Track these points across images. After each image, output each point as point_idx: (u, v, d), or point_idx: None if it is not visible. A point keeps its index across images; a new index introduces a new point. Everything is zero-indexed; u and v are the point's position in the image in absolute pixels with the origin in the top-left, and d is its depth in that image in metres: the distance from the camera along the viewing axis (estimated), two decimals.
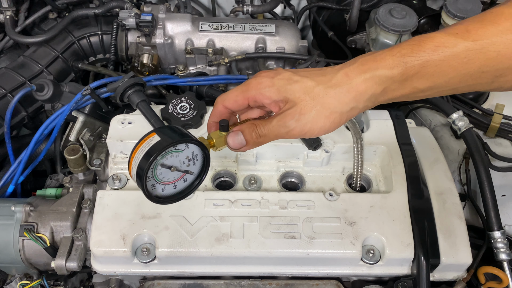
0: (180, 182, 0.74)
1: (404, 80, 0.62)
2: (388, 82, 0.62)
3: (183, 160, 0.72)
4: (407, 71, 0.61)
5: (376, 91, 0.63)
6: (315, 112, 0.65)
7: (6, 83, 1.29)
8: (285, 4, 1.76)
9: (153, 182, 0.71)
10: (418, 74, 0.61)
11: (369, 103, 0.65)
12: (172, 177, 0.73)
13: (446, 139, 1.26)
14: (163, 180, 0.72)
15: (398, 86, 0.63)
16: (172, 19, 1.44)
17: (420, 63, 0.60)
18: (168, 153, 0.70)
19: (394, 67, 0.61)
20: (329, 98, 0.64)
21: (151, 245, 0.93)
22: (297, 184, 1.07)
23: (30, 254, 1.01)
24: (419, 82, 0.62)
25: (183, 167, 0.73)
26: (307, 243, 0.92)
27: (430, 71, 0.60)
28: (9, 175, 1.11)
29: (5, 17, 1.42)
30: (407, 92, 0.63)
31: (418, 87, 0.62)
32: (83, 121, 1.13)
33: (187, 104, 1.10)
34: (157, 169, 0.70)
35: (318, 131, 0.66)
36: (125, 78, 1.06)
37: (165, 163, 0.70)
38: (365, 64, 0.64)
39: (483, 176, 1.01)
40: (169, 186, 0.73)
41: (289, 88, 0.66)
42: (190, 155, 0.72)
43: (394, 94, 0.64)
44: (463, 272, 0.97)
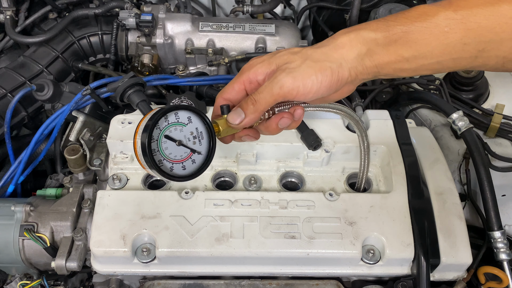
0: (189, 163, 0.72)
1: (388, 44, 0.63)
2: (372, 43, 0.64)
3: (188, 136, 0.71)
4: (390, 35, 0.62)
5: (361, 50, 0.65)
6: (305, 66, 0.66)
7: (6, 83, 1.29)
8: (285, 4, 1.76)
9: (160, 158, 0.70)
10: (402, 40, 0.62)
11: (357, 65, 0.66)
12: (179, 155, 0.71)
13: (446, 139, 1.26)
14: (169, 156, 0.71)
15: (383, 50, 0.64)
16: (172, 19, 1.44)
17: (402, 30, 0.62)
18: (171, 124, 0.69)
19: (377, 29, 0.63)
20: (318, 55, 0.66)
21: (151, 245, 0.93)
22: (297, 184, 1.07)
23: (30, 254, 1.01)
24: (403, 49, 0.62)
25: (189, 144, 0.72)
26: (307, 243, 0.92)
27: (413, 38, 0.61)
28: (9, 175, 1.11)
29: (5, 17, 1.42)
30: (393, 59, 0.64)
31: (403, 54, 0.63)
32: (83, 121, 1.13)
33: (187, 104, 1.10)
34: (162, 141, 0.69)
35: (311, 85, 0.66)
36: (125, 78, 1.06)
37: (170, 135, 0.69)
38: (352, 27, 0.67)
39: (483, 176, 1.01)
40: (177, 166, 0.71)
41: (278, 55, 0.68)
42: (194, 131, 0.72)
43: (380, 59, 0.65)
44: (463, 272, 0.97)
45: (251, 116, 0.70)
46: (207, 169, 0.75)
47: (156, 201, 0.96)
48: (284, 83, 0.66)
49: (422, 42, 0.61)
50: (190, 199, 0.97)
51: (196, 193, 0.98)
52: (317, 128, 1.06)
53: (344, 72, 0.66)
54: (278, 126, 0.75)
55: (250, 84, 0.72)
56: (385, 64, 0.65)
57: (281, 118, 0.74)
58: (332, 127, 1.08)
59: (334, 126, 1.08)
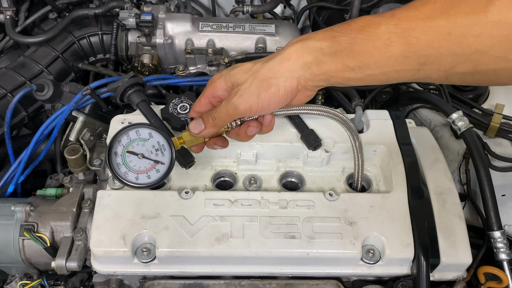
0: (153, 173, 0.82)
1: (334, 53, 0.65)
2: (318, 53, 0.66)
3: (150, 150, 0.81)
4: (335, 45, 0.64)
5: (307, 59, 0.68)
6: (254, 86, 0.71)
7: (6, 83, 1.29)
8: (285, 4, 1.76)
9: (125, 170, 0.81)
10: (346, 51, 0.64)
11: (304, 73, 0.69)
12: (143, 166, 0.81)
13: (446, 139, 1.26)
14: (134, 168, 0.81)
15: (329, 59, 0.66)
16: (172, 19, 1.44)
17: (346, 40, 0.63)
18: (133, 141, 0.81)
19: (323, 39, 0.66)
20: (265, 71, 0.70)
21: (151, 245, 0.93)
22: (297, 184, 1.07)
23: (30, 254, 1.01)
24: (348, 59, 0.64)
25: (151, 156, 0.81)
26: (307, 243, 0.92)
27: (357, 49, 0.63)
28: (9, 175, 1.11)
29: (5, 17, 1.42)
30: (339, 67, 0.66)
31: (348, 64, 0.65)
32: (83, 121, 1.13)
33: (187, 104, 1.10)
34: (125, 156, 0.80)
35: (262, 104, 0.72)
36: (125, 78, 1.06)
37: (132, 150, 0.81)
38: (298, 38, 0.70)
39: (483, 176, 1.01)
40: (142, 176, 0.81)
41: (232, 73, 0.74)
42: (156, 145, 0.82)
43: (326, 67, 0.67)
44: (463, 272, 0.97)
45: (210, 129, 0.79)
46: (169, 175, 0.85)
47: (156, 201, 0.96)
48: (237, 105, 0.73)
49: (365, 53, 0.62)
50: (190, 199, 0.97)
51: (196, 193, 0.98)
52: (317, 128, 1.06)
53: (291, 83, 0.70)
54: (247, 134, 0.82)
55: (213, 98, 0.80)
56: (332, 72, 0.68)
57: (248, 127, 0.82)
58: (332, 127, 1.08)
59: (334, 126, 1.08)
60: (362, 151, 1.01)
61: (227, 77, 0.76)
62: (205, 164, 1.07)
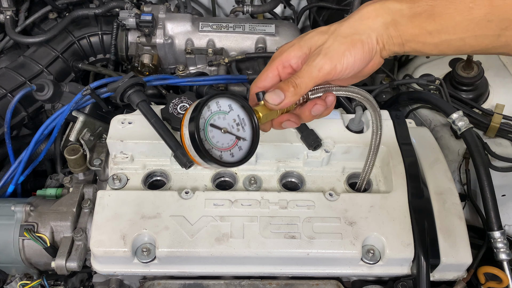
0: (236, 150, 0.74)
1: (413, 16, 0.64)
2: (397, 14, 0.65)
3: (231, 124, 0.73)
4: (415, 6, 0.63)
5: (386, 20, 0.66)
6: (337, 44, 0.67)
7: (6, 83, 1.29)
8: (285, 4, 1.76)
9: (208, 146, 0.71)
10: (426, 13, 0.62)
11: (382, 32, 0.67)
12: (226, 142, 0.73)
13: (446, 139, 1.26)
14: (217, 145, 0.72)
15: (407, 21, 0.65)
16: (172, 19, 1.44)
17: (428, 2, 0.62)
18: (214, 113, 0.71)
19: (403, 1, 0.64)
20: (346, 29, 0.68)
21: (151, 245, 0.93)
22: (297, 184, 1.07)
23: (30, 254, 1.01)
24: (427, 22, 0.63)
25: (233, 131, 0.73)
26: (307, 243, 0.92)
27: (437, 11, 0.61)
28: (9, 175, 1.11)
29: (5, 17, 1.42)
30: (416, 31, 0.65)
31: (426, 27, 0.64)
32: (83, 121, 1.13)
33: (187, 104, 1.10)
34: (208, 131, 0.71)
35: (347, 62, 0.68)
36: (125, 78, 1.06)
37: (214, 124, 0.72)
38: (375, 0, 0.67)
39: (483, 176, 1.01)
40: (226, 153, 0.73)
41: (307, 38, 0.70)
42: (236, 118, 0.73)
43: (404, 30, 0.66)
44: (463, 272, 0.97)
45: (291, 98, 0.70)
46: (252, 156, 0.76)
47: (156, 201, 0.96)
48: (322, 66, 0.67)
49: (446, 16, 0.61)
50: (190, 199, 0.97)
51: (196, 193, 0.98)
52: (317, 128, 1.06)
53: (373, 41, 0.68)
54: (312, 113, 0.75)
55: (284, 68, 0.73)
56: (409, 36, 0.66)
57: (314, 105, 0.75)
58: (332, 127, 1.08)
59: (334, 126, 1.08)
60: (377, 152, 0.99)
61: (301, 43, 0.71)
62: None
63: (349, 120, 1.09)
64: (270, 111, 0.74)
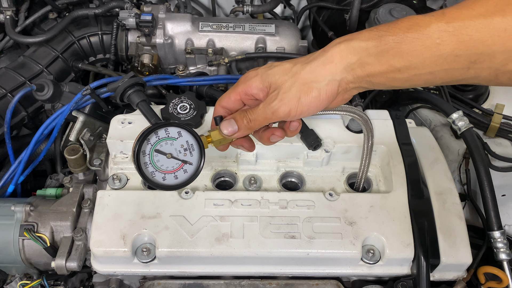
0: (180, 173, 0.78)
1: (380, 54, 0.63)
2: (363, 53, 0.64)
3: (179, 149, 0.78)
4: (382, 44, 0.62)
5: (351, 60, 0.65)
6: (294, 89, 0.68)
7: (6, 83, 1.29)
8: (285, 4, 1.76)
9: (152, 169, 0.77)
10: (393, 50, 0.62)
11: (347, 75, 0.66)
12: (170, 166, 0.77)
13: (446, 139, 1.26)
14: (161, 168, 0.77)
15: (374, 60, 0.64)
16: (172, 19, 1.44)
17: (394, 39, 0.61)
18: (161, 140, 0.77)
19: (369, 39, 0.63)
20: (306, 74, 0.67)
21: (151, 245, 0.93)
22: (297, 184, 1.07)
23: (30, 254, 1.01)
24: (394, 59, 0.62)
25: (180, 156, 0.78)
26: (307, 243, 0.92)
27: (405, 49, 0.61)
28: (9, 175, 1.11)
29: (5, 17, 1.42)
30: (384, 69, 0.64)
31: (395, 65, 0.63)
32: (83, 121, 1.13)
33: (187, 104, 1.10)
34: (153, 155, 0.76)
35: (301, 109, 0.69)
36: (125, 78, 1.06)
37: (160, 149, 0.77)
38: (341, 38, 0.67)
39: (483, 176, 1.01)
40: (169, 176, 0.77)
41: (270, 73, 0.70)
42: (184, 144, 0.78)
43: (371, 69, 0.65)
44: (463, 272, 0.97)
45: (244, 131, 0.75)
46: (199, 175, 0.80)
47: (156, 201, 0.96)
48: (277, 109, 0.70)
49: (414, 53, 0.61)
50: (190, 199, 0.97)
51: (196, 193, 0.98)
52: (317, 128, 1.06)
53: (333, 87, 0.68)
54: (270, 140, 0.79)
55: (246, 96, 0.75)
56: (377, 74, 0.65)
57: (272, 134, 0.78)
58: (332, 127, 1.08)
59: (334, 126, 1.08)
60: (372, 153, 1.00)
61: (263, 76, 0.72)
62: (205, 164, 1.07)
63: (349, 120, 1.09)
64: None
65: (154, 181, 0.77)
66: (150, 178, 0.77)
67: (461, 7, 0.58)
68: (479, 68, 0.59)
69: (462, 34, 0.57)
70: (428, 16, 0.60)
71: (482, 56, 0.57)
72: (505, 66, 0.57)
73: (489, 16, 0.55)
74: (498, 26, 0.55)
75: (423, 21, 0.60)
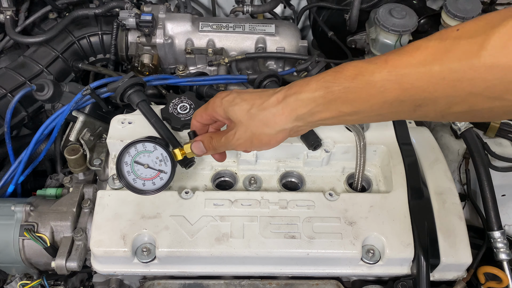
0: (158, 180, 0.92)
1: (328, 103, 0.66)
2: (312, 104, 0.68)
3: (155, 160, 0.91)
4: (329, 95, 0.65)
5: (301, 112, 0.69)
6: (249, 133, 0.76)
7: (6, 83, 1.29)
8: (285, 4, 1.76)
9: (133, 177, 0.92)
10: (340, 99, 0.65)
11: (297, 123, 0.71)
12: (149, 174, 0.92)
13: (446, 139, 1.26)
14: (141, 175, 0.92)
15: (323, 108, 0.67)
16: (172, 19, 1.44)
17: (340, 89, 0.64)
18: (140, 152, 0.91)
19: (316, 90, 0.66)
20: (259, 122, 0.74)
21: (151, 245, 0.93)
22: (297, 184, 1.07)
23: (30, 254, 1.01)
24: (343, 106, 0.66)
25: (156, 166, 0.91)
26: (307, 243, 0.92)
27: (351, 97, 0.64)
28: (9, 175, 1.11)
29: (5, 17, 1.42)
30: (334, 114, 0.68)
31: (343, 110, 0.66)
32: (83, 121, 1.13)
33: (187, 104, 1.10)
34: (134, 165, 0.91)
35: (255, 149, 0.79)
36: (125, 78, 1.06)
37: (139, 161, 0.91)
38: (292, 89, 0.70)
39: (483, 176, 1.02)
40: (148, 182, 0.92)
41: (231, 109, 0.77)
42: (159, 156, 0.91)
43: (321, 116, 0.69)
44: (463, 272, 0.97)
45: (211, 152, 0.87)
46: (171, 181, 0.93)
47: (156, 201, 0.96)
48: (235, 146, 0.80)
49: (360, 100, 0.63)
50: (190, 199, 0.97)
51: (196, 193, 0.98)
52: (317, 128, 1.06)
53: (283, 135, 0.75)
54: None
55: (213, 118, 0.84)
56: (328, 118, 0.69)
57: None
58: (332, 127, 1.07)
59: (334, 126, 1.08)
60: (366, 152, 1.01)
61: (226, 110, 0.78)
62: (205, 164, 1.07)
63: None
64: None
65: (135, 187, 0.92)
66: (132, 184, 0.92)
67: (403, 54, 0.59)
68: (425, 110, 0.61)
69: (404, 82, 0.59)
70: (371, 64, 0.62)
71: (425, 100, 0.59)
72: (449, 109, 0.59)
73: (428, 65, 0.57)
74: (437, 75, 0.56)
75: (366, 70, 0.62)
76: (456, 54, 0.54)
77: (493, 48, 0.51)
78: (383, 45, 1.40)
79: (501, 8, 1.47)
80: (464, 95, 0.56)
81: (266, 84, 1.20)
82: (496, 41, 0.51)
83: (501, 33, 0.51)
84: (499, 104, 0.55)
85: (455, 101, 0.57)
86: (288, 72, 1.34)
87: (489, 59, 0.52)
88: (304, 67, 1.35)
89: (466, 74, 0.54)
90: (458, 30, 0.55)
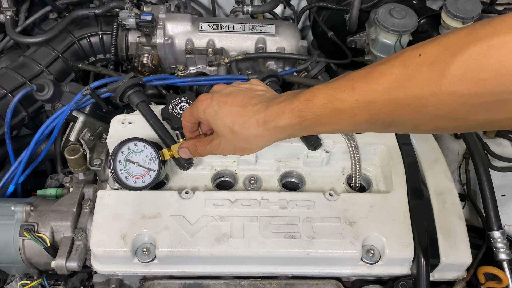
0: (147, 178, 0.97)
1: (304, 128, 0.70)
2: (290, 130, 0.72)
3: (145, 159, 0.96)
4: (304, 122, 0.69)
5: (281, 136, 0.74)
6: (232, 146, 0.80)
7: (7, 83, 1.29)
8: (285, 4, 1.76)
9: (126, 175, 0.97)
10: (315, 124, 0.69)
11: (277, 139, 0.76)
12: (139, 172, 0.97)
13: (446, 139, 1.26)
14: (133, 173, 0.97)
15: (301, 132, 0.72)
16: (172, 19, 1.44)
17: (314, 116, 0.68)
18: (132, 152, 0.97)
19: (292, 119, 0.70)
20: (241, 141, 0.77)
21: (151, 245, 0.93)
22: (297, 184, 1.07)
23: (30, 254, 1.01)
24: (318, 128, 0.70)
25: (145, 164, 0.96)
26: (307, 243, 0.92)
27: (324, 122, 0.67)
28: (9, 175, 1.11)
29: (5, 17, 1.42)
30: (311, 132, 0.72)
31: (319, 131, 0.71)
32: (83, 121, 1.13)
33: (187, 104, 1.10)
34: (126, 163, 0.97)
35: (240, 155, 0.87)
36: (125, 78, 1.06)
37: (130, 159, 0.97)
38: (270, 115, 0.73)
39: (483, 176, 1.02)
40: (139, 180, 0.97)
41: (214, 123, 0.80)
42: (149, 155, 0.96)
43: (300, 134, 0.74)
44: (463, 272, 0.97)
45: (197, 156, 0.91)
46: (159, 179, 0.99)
47: (156, 201, 0.96)
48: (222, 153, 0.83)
49: (333, 123, 0.67)
50: (190, 199, 0.97)
51: (196, 193, 0.98)
52: None
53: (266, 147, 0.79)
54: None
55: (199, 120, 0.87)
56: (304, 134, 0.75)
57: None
58: None
59: None
60: (359, 152, 1.01)
61: (210, 120, 0.80)
62: (205, 164, 1.07)
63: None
64: None
65: (127, 184, 0.97)
66: (124, 181, 0.96)
67: (369, 81, 0.61)
68: (395, 129, 0.65)
69: (371, 109, 0.61)
70: (339, 93, 0.64)
71: (394, 122, 0.62)
72: (417, 128, 0.63)
73: (393, 92, 0.59)
74: (402, 102, 0.58)
75: (335, 99, 0.65)
76: (418, 82, 0.56)
77: (453, 77, 0.53)
78: (383, 45, 1.40)
79: (501, 8, 1.47)
80: (430, 117, 0.58)
81: (266, 84, 1.19)
82: (455, 70, 0.52)
83: (460, 62, 0.52)
84: (464, 124, 0.58)
85: (421, 123, 0.60)
86: (288, 72, 1.34)
87: (449, 87, 0.53)
88: (304, 67, 1.35)
89: (429, 101, 0.56)
90: (420, 55, 0.56)
